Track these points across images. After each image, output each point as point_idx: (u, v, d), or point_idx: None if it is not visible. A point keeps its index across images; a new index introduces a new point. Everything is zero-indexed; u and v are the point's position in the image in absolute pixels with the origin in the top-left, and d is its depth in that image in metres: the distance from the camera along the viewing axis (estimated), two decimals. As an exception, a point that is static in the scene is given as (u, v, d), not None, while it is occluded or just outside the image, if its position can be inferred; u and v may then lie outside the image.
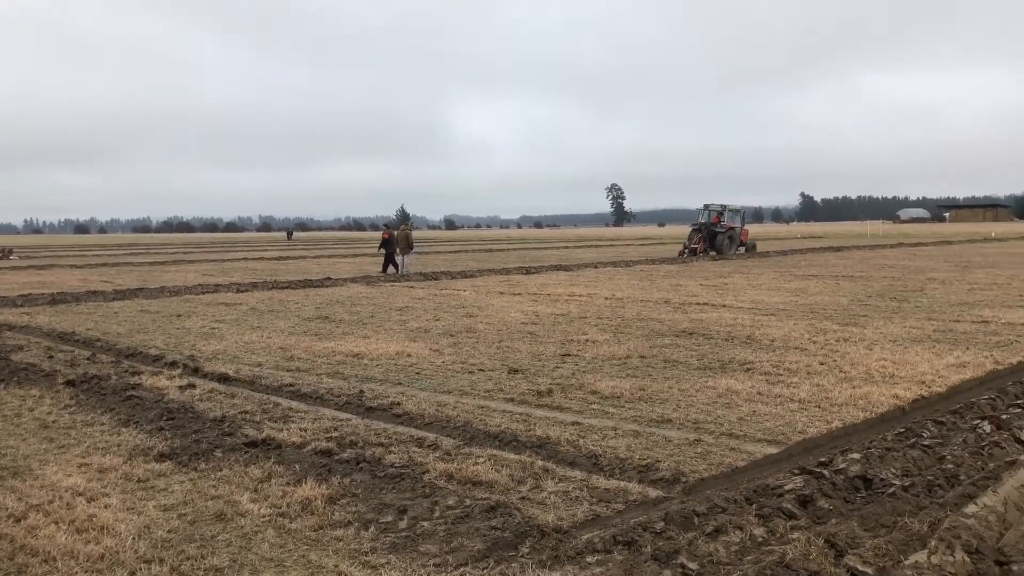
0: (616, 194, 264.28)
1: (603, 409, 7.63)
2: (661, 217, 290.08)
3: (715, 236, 38.54)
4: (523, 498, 5.24)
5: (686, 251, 38.25)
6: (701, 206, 40.86)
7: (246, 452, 6.33)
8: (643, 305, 16.51)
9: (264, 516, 4.99)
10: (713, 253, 38.04)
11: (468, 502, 5.05)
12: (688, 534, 4.53)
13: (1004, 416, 7.03)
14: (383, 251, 29.86)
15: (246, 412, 7.63)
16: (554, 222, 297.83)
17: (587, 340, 11.75)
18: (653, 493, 5.33)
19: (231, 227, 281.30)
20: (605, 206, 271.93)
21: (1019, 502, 4.86)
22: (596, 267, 30.63)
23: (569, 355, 10.55)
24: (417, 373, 9.50)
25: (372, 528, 4.77)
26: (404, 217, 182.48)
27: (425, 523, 4.80)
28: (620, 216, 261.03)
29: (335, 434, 6.78)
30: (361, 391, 8.43)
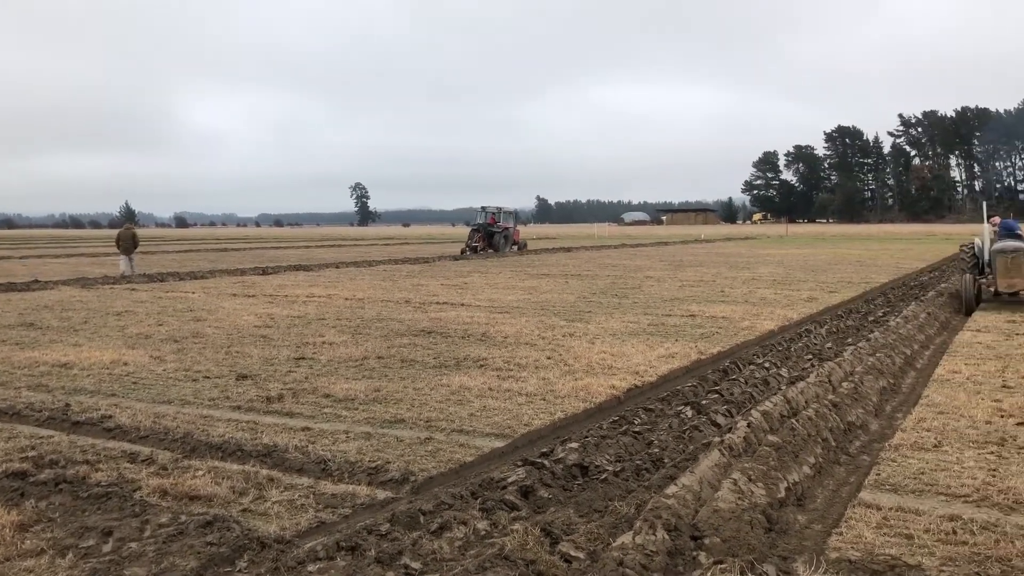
0: (360, 193, 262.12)
1: (336, 412, 7.49)
2: (406, 217, 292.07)
3: (492, 235, 41.69)
4: (244, 510, 5.02)
5: (468, 249, 40.54)
6: (479, 208, 43.91)
7: (-81, 481, 5.54)
8: (384, 305, 16.48)
9: (-63, 553, 4.38)
10: (491, 251, 40.93)
11: (183, 518, 4.74)
12: (413, 533, 4.55)
13: (703, 402, 7.77)
14: None
15: (-78, 435, 6.68)
16: (296, 221, 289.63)
17: (324, 342, 11.53)
18: (382, 495, 5.31)
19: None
20: (349, 205, 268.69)
21: (712, 480, 5.37)
22: (338, 267, 30.19)
23: (304, 358, 10.28)
24: (134, 383, 8.81)
25: (70, 554, 4.34)
26: (129, 215, 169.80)
27: (133, 544, 4.44)
28: (365, 216, 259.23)
29: (32, 453, 6.11)
30: (67, 404, 7.68)
